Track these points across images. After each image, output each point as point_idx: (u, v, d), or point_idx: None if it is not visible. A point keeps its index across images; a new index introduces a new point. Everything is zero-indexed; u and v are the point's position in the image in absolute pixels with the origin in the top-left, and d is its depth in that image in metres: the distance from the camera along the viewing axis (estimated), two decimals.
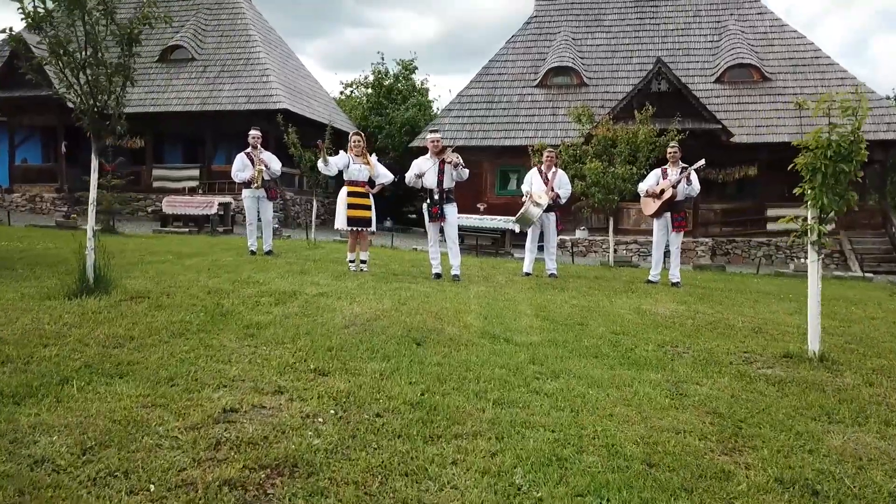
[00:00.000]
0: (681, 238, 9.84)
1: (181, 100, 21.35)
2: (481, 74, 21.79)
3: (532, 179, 10.38)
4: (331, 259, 10.39)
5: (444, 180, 8.57)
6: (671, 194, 9.57)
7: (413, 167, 8.82)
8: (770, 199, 19.27)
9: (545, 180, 10.23)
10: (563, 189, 10.21)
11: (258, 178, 10.27)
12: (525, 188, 10.37)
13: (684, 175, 9.46)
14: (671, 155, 9.77)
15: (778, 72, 19.87)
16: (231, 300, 5.68)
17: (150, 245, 11.23)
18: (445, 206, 8.61)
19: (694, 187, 9.59)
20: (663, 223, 9.82)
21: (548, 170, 10.29)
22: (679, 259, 9.88)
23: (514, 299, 7.08)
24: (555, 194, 10.07)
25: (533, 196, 9.82)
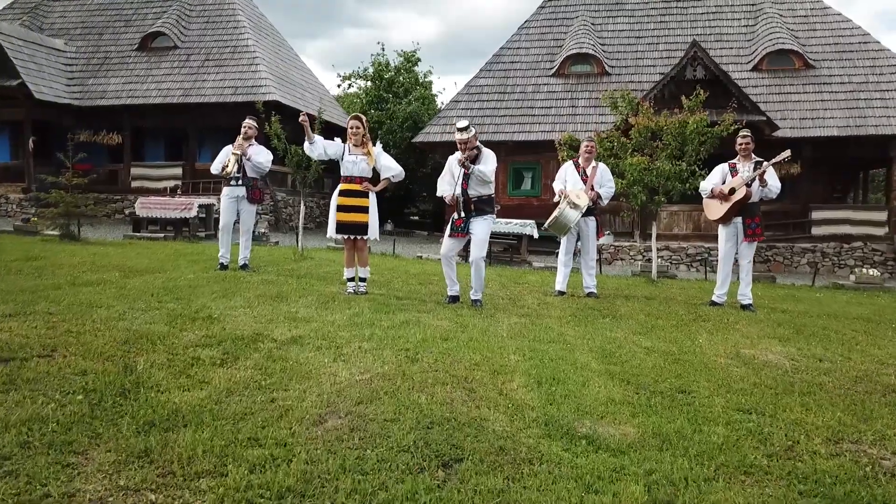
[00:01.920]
0: (753, 250, 7.89)
1: (161, 91, 19.41)
2: (492, 63, 19.83)
3: (566, 175, 8.45)
4: (319, 274, 8.45)
5: (469, 187, 6.63)
6: (744, 194, 7.63)
7: (445, 174, 6.88)
8: (814, 200, 17.32)
9: (583, 176, 8.31)
10: (605, 187, 8.30)
11: (230, 164, 8.33)
12: (558, 185, 8.45)
13: (760, 171, 7.51)
14: (742, 147, 7.83)
15: (822, 59, 17.91)
16: (152, 358, 3.74)
17: (102, 257, 9.29)
18: (474, 220, 6.64)
19: (772, 187, 7.64)
20: (732, 231, 7.88)
21: (586, 163, 8.36)
22: (751, 276, 7.93)
23: (565, 340, 5.13)
24: (595, 194, 8.16)
25: (570, 195, 7.89)
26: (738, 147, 7.91)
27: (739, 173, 7.81)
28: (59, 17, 22.42)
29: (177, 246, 12.63)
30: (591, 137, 8.49)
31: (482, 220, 6.66)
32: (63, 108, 19.53)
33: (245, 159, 8.38)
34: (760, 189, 7.62)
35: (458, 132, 6.67)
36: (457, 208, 6.69)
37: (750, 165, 7.81)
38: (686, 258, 15.85)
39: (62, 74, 20.17)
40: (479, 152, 6.67)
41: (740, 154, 7.88)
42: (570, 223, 7.90)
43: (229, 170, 8.29)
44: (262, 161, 8.52)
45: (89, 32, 21.69)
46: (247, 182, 8.49)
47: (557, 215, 7.91)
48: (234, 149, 8.35)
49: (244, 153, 8.34)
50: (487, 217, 6.72)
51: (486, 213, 6.70)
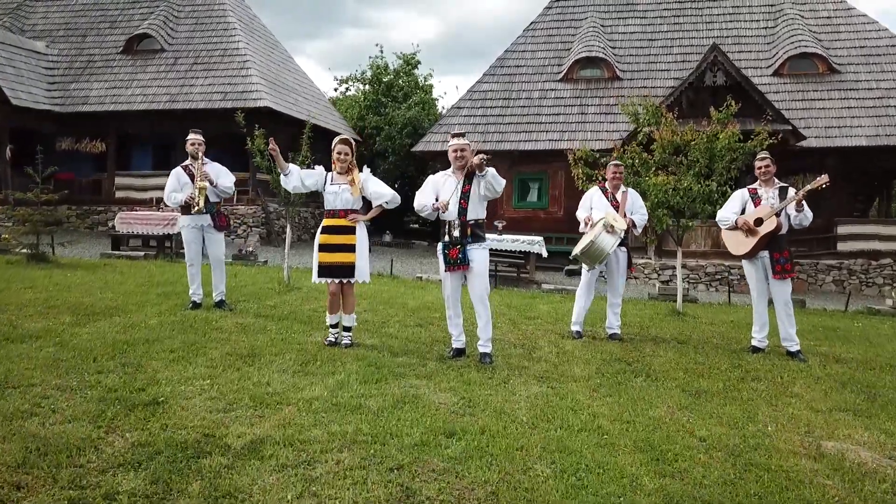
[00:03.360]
0: (788, 288, 6.84)
1: (147, 96, 18.35)
2: (496, 67, 18.75)
3: (593, 202, 7.47)
4: (303, 314, 7.38)
5: (469, 207, 5.61)
6: (775, 226, 6.60)
7: (425, 187, 5.88)
8: (839, 213, 16.27)
9: (612, 202, 7.31)
10: (638, 214, 7.35)
11: (199, 198, 7.28)
12: (582, 213, 7.47)
13: (797, 198, 6.48)
14: (763, 171, 6.80)
15: (847, 63, 16.85)
16: (43, 502, 2.69)
17: (62, 290, 8.25)
18: (470, 247, 5.64)
19: (806, 214, 6.61)
20: (759, 267, 6.85)
21: (614, 189, 7.37)
22: (793, 316, 6.88)
23: (600, 427, 4.08)
24: (630, 221, 7.17)
25: (608, 219, 6.88)
26: (757, 171, 6.89)
27: (763, 200, 6.79)
28: (41, 18, 21.38)
29: (154, 268, 11.59)
30: (618, 163, 7.47)
31: (480, 248, 5.68)
32: (43, 115, 18.50)
33: (211, 185, 7.35)
34: (793, 218, 6.60)
35: (454, 138, 5.70)
36: (448, 233, 5.67)
37: (774, 192, 6.79)
38: (705, 277, 14.81)
39: (42, 79, 19.12)
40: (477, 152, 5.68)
41: (760, 179, 6.87)
42: (607, 250, 6.88)
43: (199, 207, 7.25)
44: (228, 185, 7.50)
45: (73, 34, 20.64)
46: (210, 209, 7.44)
47: (593, 240, 6.88)
48: (198, 179, 7.29)
49: (210, 181, 7.31)
50: (485, 244, 5.76)
51: (482, 240, 5.73)
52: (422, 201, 5.77)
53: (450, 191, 5.65)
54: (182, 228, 7.49)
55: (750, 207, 6.85)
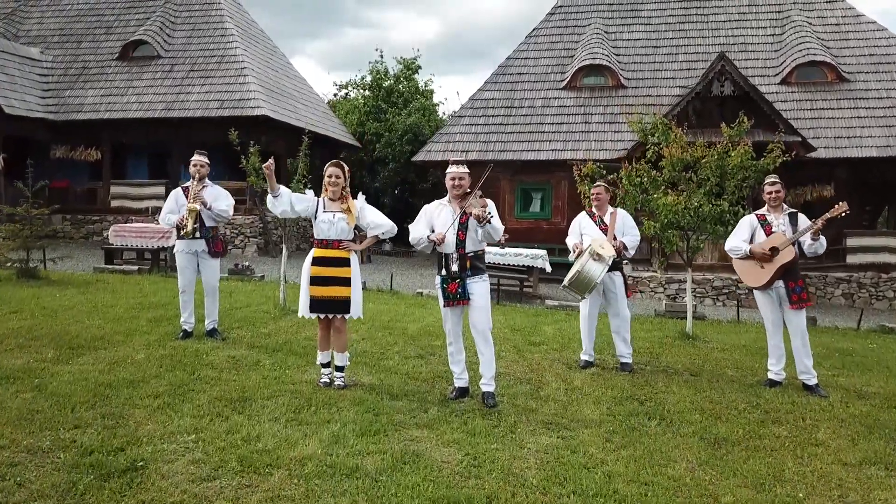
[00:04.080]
0: (804, 318, 6.52)
1: (143, 104, 18.02)
2: (497, 75, 18.40)
3: (581, 228, 7.20)
4: (297, 344, 7.03)
5: (467, 239, 5.30)
6: (793, 256, 6.29)
7: (420, 218, 5.56)
8: (849, 225, 15.92)
9: (601, 225, 7.02)
10: (628, 236, 7.04)
11: (188, 221, 6.95)
12: (572, 240, 7.17)
13: (816, 227, 6.16)
14: (773, 197, 6.48)
15: (857, 71, 16.51)
16: None
17: (47, 317, 7.93)
18: (470, 280, 5.31)
19: (822, 243, 6.31)
20: (774, 297, 6.52)
21: (601, 211, 7.09)
22: (809, 347, 6.55)
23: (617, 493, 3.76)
24: (620, 244, 6.85)
25: (594, 247, 6.56)
26: (766, 196, 6.57)
27: (774, 227, 6.47)
28: (36, 24, 21.06)
29: (146, 285, 11.27)
30: (600, 184, 7.19)
31: (480, 281, 5.36)
32: (37, 123, 18.18)
33: (205, 208, 7.02)
34: (807, 246, 6.30)
35: (454, 165, 5.37)
36: (446, 266, 5.35)
37: (784, 218, 6.48)
38: (712, 291, 14.49)
39: (37, 86, 18.80)
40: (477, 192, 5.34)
41: (770, 204, 6.55)
42: (596, 279, 6.57)
43: (189, 229, 6.91)
44: (224, 209, 7.15)
45: (68, 40, 20.32)
46: (206, 233, 7.11)
47: (579, 270, 6.58)
48: (190, 200, 6.97)
49: (203, 203, 6.98)
50: (485, 277, 5.43)
51: (482, 272, 5.40)
52: (417, 235, 5.46)
53: (446, 222, 5.33)
54: (176, 253, 7.16)
55: (760, 235, 6.53)
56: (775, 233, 6.40)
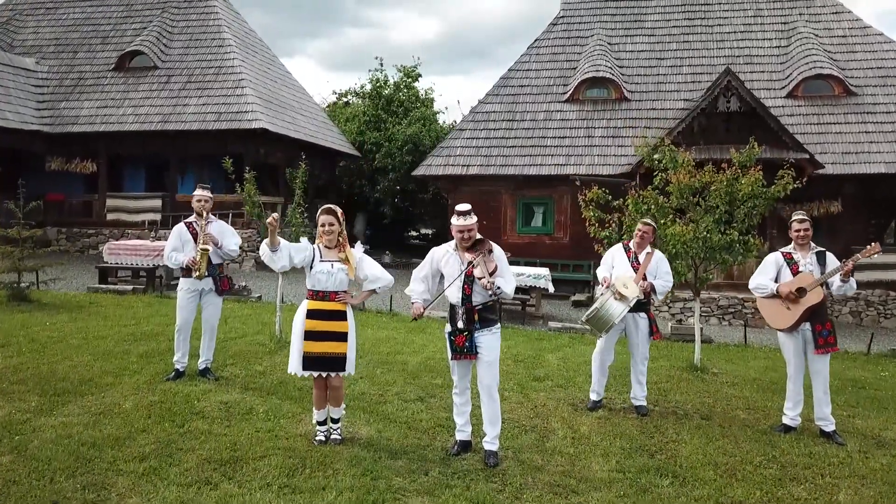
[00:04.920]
0: (828, 363, 6.25)
1: (139, 116, 17.77)
2: (499, 87, 18.13)
3: (614, 260, 6.87)
4: (293, 389, 6.70)
5: (474, 293, 5.02)
6: (821, 299, 6.01)
7: (426, 264, 5.29)
8: (855, 241, 15.66)
9: (634, 263, 6.72)
10: (661, 279, 6.73)
11: (201, 264, 6.69)
12: (602, 272, 6.86)
13: (846, 269, 5.88)
14: (800, 235, 6.17)
15: (864, 84, 16.24)
16: None
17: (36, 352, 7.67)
18: (479, 333, 5.03)
19: (852, 285, 6.02)
20: (799, 341, 6.22)
21: (639, 249, 6.77)
22: (829, 395, 6.29)
23: None
24: (648, 285, 6.56)
25: (617, 285, 6.28)
26: (793, 233, 6.26)
27: (801, 266, 6.18)
28: (31, 34, 20.81)
29: (140, 308, 11.03)
30: (647, 222, 6.85)
31: (490, 333, 5.04)
32: (32, 135, 17.93)
33: (216, 247, 6.77)
34: (836, 287, 6.01)
35: (458, 216, 5.04)
36: (452, 320, 5.08)
37: (812, 257, 6.18)
38: (717, 310, 14.22)
39: (32, 97, 18.55)
40: (487, 251, 5.01)
41: (796, 242, 6.25)
42: (614, 319, 6.30)
43: (201, 272, 6.66)
44: (234, 249, 6.93)
45: (63, 50, 20.07)
46: (213, 271, 6.84)
47: (598, 307, 6.31)
48: (200, 241, 6.70)
49: (215, 243, 6.73)
50: (495, 329, 5.10)
51: (492, 322, 5.08)
52: (411, 289, 5.20)
53: (452, 274, 5.05)
54: (179, 291, 6.89)
55: (785, 273, 6.23)
56: (802, 272, 6.11)
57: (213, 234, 6.72)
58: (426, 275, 5.22)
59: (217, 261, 6.90)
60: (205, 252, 6.63)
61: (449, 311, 5.13)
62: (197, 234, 6.79)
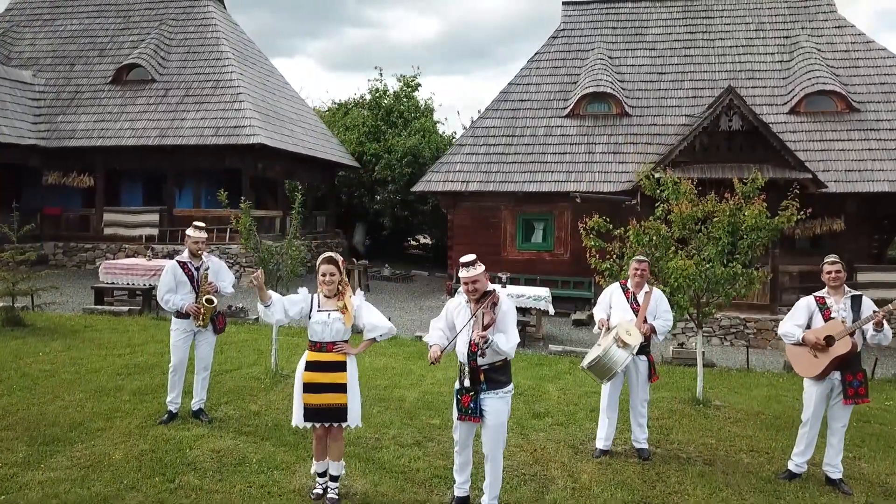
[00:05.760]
0: (849, 413, 6.09)
1: (136, 131, 17.64)
2: (499, 101, 17.98)
3: (612, 301, 6.72)
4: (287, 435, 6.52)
5: (479, 350, 4.84)
6: (849, 349, 5.82)
7: (442, 316, 5.13)
8: (859, 259, 15.55)
9: (633, 304, 6.57)
10: (660, 319, 6.57)
11: (207, 315, 6.59)
12: (599, 313, 6.72)
13: (877, 318, 5.69)
14: (833, 278, 6.00)
15: (867, 101, 16.09)
16: None
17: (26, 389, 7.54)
18: (485, 395, 4.84)
19: (886, 334, 5.80)
20: (826, 388, 6.03)
21: (637, 288, 6.62)
22: (843, 441, 6.14)
23: None
24: (649, 328, 6.42)
25: (620, 332, 6.13)
26: (826, 277, 6.08)
27: (833, 312, 5.99)
28: (28, 45, 20.67)
29: (136, 333, 10.91)
30: (641, 258, 6.71)
31: (497, 397, 4.82)
32: (29, 149, 17.80)
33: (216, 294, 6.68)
34: (870, 337, 5.83)
35: (463, 268, 4.87)
36: (460, 377, 4.93)
37: (845, 301, 5.98)
38: (719, 330, 14.09)
39: (28, 111, 18.42)
40: (491, 305, 4.84)
41: (829, 285, 6.07)
42: (617, 367, 6.14)
43: (204, 322, 6.57)
44: (229, 290, 6.83)
45: (60, 63, 19.93)
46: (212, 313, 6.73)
47: (601, 356, 6.14)
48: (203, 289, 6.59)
49: (215, 291, 6.64)
50: (503, 393, 4.86)
51: (501, 385, 4.85)
52: (433, 333, 5.03)
53: (461, 325, 4.90)
54: (172, 331, 6.76)
55: (818, 319, 6.00)
56: (833, 319, 5.90)
57: (213, 284, 6.64)
58: (443, 325, 5.06)
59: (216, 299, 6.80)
60: (210, 305, 6.53)
61: (458, 367, 4.98)
62: (192, 275, 6.68)
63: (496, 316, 4.77)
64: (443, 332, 5.01)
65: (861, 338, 5.88)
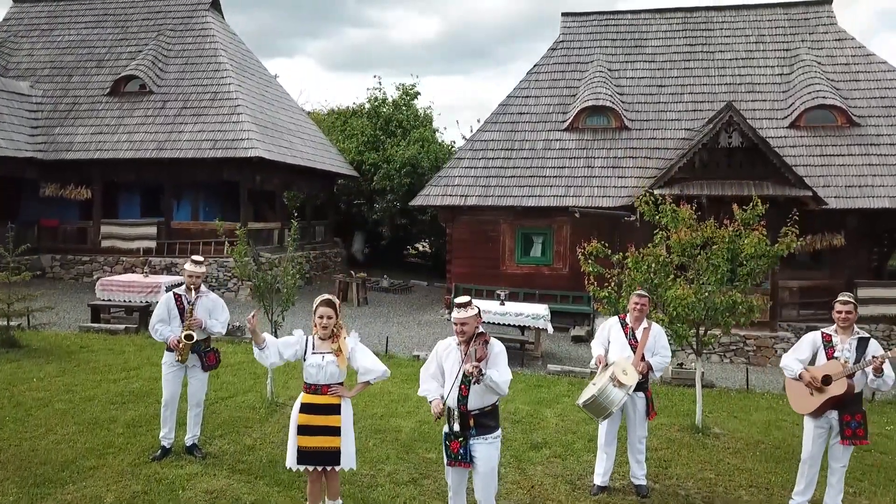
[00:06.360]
0: (849, 454, 6.02)
1: (133, 144, 17.56)
2: (497, 114, 17.90)
3: (610, 335, 6.66)
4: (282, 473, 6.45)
5: (471, 395, 4.79)
6: (844, 391, 5.76)
7: (431, 360, 5.08)
8: (859, 275, 15.48)
9: (631, 340, 6.51)
10: (658, 356, 6.51)
11: (185, 351, 6.51)
12: (597, 349, 6.65)
13: (876, 363, 5.62)
14: (842, 318, 5.90)
15: (868, 115, 16.02)
16: None
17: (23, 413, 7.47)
18: (475, 440, 4.79)
19: (886, 380, 5.72)
20: (824, 427, 5.98)
21: (636, 323, 6.56)
22: (843, 481, 6.07)
23: None
24: (646, 365, 6.35)
25: (616, 371, 6.06)
26: (835, 315, 5.99)
27: (837, 352, 5.93)
28: (26, 56, 20.60)
29: (132, 355, 10.84)
30: (641, 293, 6.64)
31: (486, 443, 4.78)
32: (26, 162, 17.72)
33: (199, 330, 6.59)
34: (871, 381, 5.75)
35: (457, 309, 4.82)
36: (448, 421, 4.86)
37: (851, 342, 5.90)
38: (719, 347, 14.01)
39: (25, 123, 18.35)
40: (483, 342, 4.79)
41: (838, 325, 5.98)
42: (613, 407, 6.08)
43: (183, 357, 6.49)
44: (219, 330, 6.76)
45: (58, 74, 19.86)
46: (198, 347, 6.66)
47: (597, 395, 6.08)
48: (187, 319, 6.51)
49: (199, 327, 6.56)
50: (493, 438, 4.82)
51: (490, 430, 4.81)
52: (423, 389, 4.97)
53: (451, 370, 4.85)
54: (164, 364, 6.71)
55: (821, 357, 5.93)
56: (835, 359, 5.84)
57: (198, 319, 6.55)
58: (434, 372, 5.00)
59: (203, 336, 6.72)
60: (188, 342, 6.45)
61: (446, 412, 4.91)
62: (183, 309, 6.62)
63: (489, 353, 4.73)
64: (436, 379, 4.96)
65: (863, 379, 5.81)
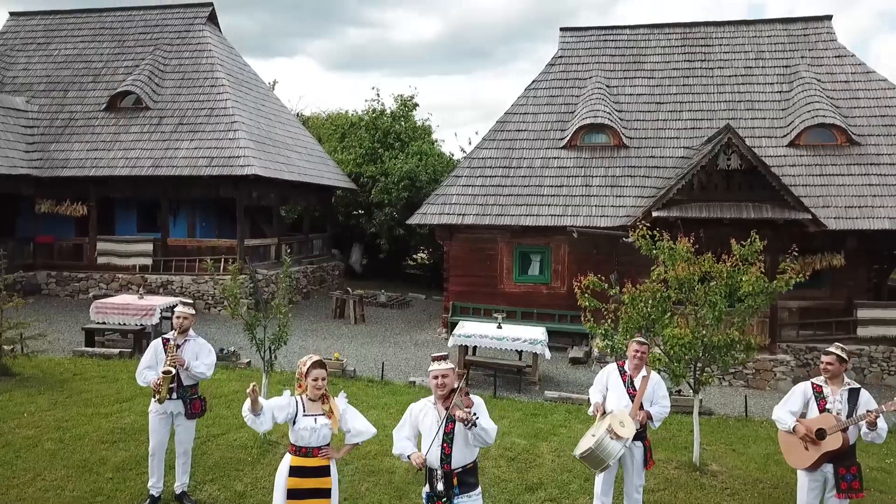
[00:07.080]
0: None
1: (129, 160, 17.48)
2: (495, 131, 17.80)
3: (608, 383, 6.56)
4: None
5: (454, 452, 4.71)
6: (839, 445, 5.67)
7: (405, 422, 5.01)
8: (858, 293, 15.38)
9: (629, 388, 6.41)
10: (657, 406, 6.42)
11: (162, 388, 6.39)
12: (595, 396, 6.56)
13: (870, 417, 5.55)
14: (824, 368, 5.90)
15: (868, 133, 15.90)
16: None
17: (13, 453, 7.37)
18: (458, 500, 4.72)
19: (880, 432, 5.66)
20: (819, 481, 5.91)
21: (635, 371, 6.46)
22: None
23: None
24: (644, 415, 6.25)
25: (613, 424, 5.97)
26: (822, 368, 5.99)
27: (828, 404, 5.86)
28: (22, 70, 20.52)
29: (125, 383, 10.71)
30: (641, 340, 6.54)
31: (470, 500, 4.72)
32: (21, 178, 17.63)
33: (182, 369, 6.48)
34: (864, 434, 5.67)
35: (435, 362, 4.79)
36: (430, 482, 4.77)
37: (843, 394, 5.85)
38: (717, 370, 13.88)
39: (21, 139, 18.26)
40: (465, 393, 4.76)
41: (827, 377, 5.94)
42: (610, 459, 6.00)
43: (161, 396, 6.37)
44: (203, 372, 6.61)
45: (54, 88, 19.78)
46: (182, 394, 6.56)
47: (594, 448, 5.98)
48: (168, 361, 6.41)
49: (181, 364, 6.44)
50: (475, 496, 4.77)
51: (472, 487, 4.76)
52: (398, 450, 4.90)
53: (430, 429, 4.77)
54: (150, 412, 6.60)
55: (813, 408, 5.88)
56: (828, 411, 5.78)
57: (180, 357, 6.43)
58: (408, 434, 4.93)
59: (189, 382, 6.61)
60: (167, 376, 6.33)
61: (426, 472, 4.82)
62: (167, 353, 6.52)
63: (472, 402, 4.68)
64: (409, 440, 4.90)
65: (856, 432, 5.74)
